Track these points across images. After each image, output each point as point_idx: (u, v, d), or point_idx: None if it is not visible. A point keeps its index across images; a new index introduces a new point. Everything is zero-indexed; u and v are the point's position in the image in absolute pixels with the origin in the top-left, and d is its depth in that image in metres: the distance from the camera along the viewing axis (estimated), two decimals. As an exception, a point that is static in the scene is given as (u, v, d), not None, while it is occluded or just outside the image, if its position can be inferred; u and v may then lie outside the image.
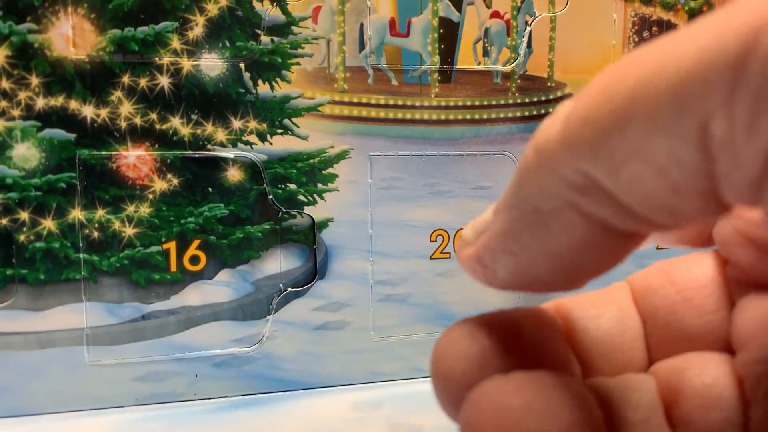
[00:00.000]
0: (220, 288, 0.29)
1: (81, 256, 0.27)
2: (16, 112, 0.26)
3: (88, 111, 0.27)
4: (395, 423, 0.27)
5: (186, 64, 0.27)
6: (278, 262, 0.29)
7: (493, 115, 0.31)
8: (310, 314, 0.29)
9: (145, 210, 0.28)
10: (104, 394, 0.27)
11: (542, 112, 0.31)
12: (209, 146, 0.28)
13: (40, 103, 0.26)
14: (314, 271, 0.29)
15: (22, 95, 0.26)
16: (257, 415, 0.28)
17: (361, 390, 0.30)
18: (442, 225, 0.30)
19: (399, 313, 0.30)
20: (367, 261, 0.30)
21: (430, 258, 0.30)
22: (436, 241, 0.30)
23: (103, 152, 0.27)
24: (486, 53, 0.31)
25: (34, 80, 0.26)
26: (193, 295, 0.28)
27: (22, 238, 0.26)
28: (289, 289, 0.29)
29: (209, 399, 0.28)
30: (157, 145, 0.27)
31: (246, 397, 0.29)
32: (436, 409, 0.31)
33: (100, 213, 0.27)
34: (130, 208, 0.27)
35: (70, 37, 0.26)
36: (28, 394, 0.26)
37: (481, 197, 0.31)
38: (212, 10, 0.27)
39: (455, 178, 0.30)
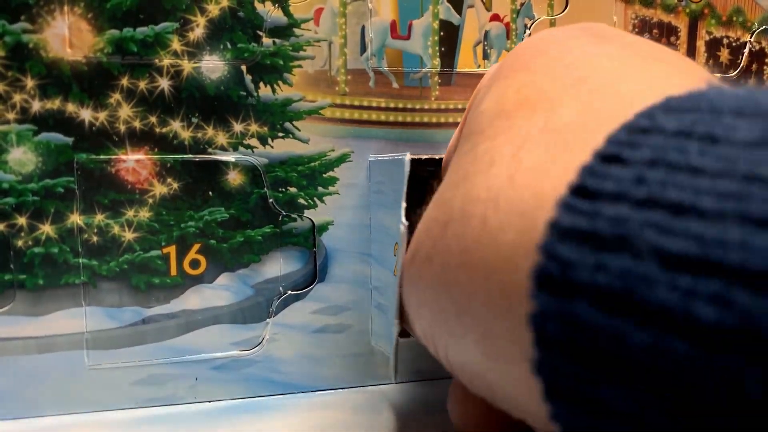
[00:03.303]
0: (220, 291, 0.28)
1: (80, 260, 0.27)
2: (11, 116, 0.25)
3: (85, 114, 0.26)
4: (395, 427, 0.28)
5: (186, 66, 0.27)
6: (278, 266, 0.29)
7: (492, 119, 0.31)
8: (309, 317, 0.29)
9: (144, 214, 0.27)
10: (104, 398, 0.27)
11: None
12: (210, 150, 0.28)
13: (36, 106, 0.25)
14: (314, 274, 0.29)
15: (17, 98, 0.25)
16: (257, 417, 0.28)
17: (361, 393, 0.30)
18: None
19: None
20: (367, 264, 0.30)
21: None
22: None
23: (102, 156, 0.26)
24: (486, 56, 0.31)
25: (30, 82, 0.25)
26: (193, 299, 0.28)
27: (20, 243, 0.26)
28: (289, 292, 0.29)
29: (209, 402, 0.29)
30: (156, 149, 0.27)
31: (246, 400, 0.29)
32: (436, 413, 0.31)
33: (99, 217, 0.27)
34: (130, 213, 0.27)
35: (67, 38, 0.25)
36: (28, 397, 0.26)
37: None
38: (213, 10, 0.27)
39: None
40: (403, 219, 0.20)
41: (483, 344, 0.15)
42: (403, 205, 0.20)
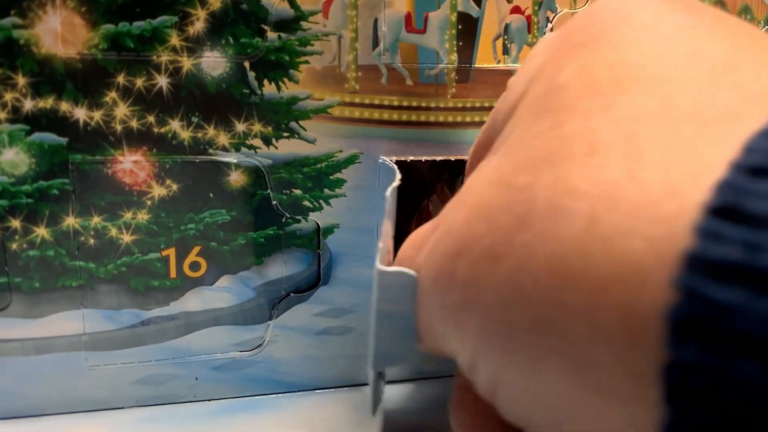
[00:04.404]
0: (221, 293, 0.28)
1: (77, 263, 0.26)
2: (2, 115, 0.24)
3: (80, 113, 0.25)
4: (395, 426, 0.27)
5: (186, 62, 0.25)
6: (281, 267, 0.28)
7: (511, 117, 0.29)
8: (312, 319, 0.29)
9: (143, 216, 0.26)
10: (103, 397, 0.27)
11: (561, 115, 0.30)
12: (211, 150, 0.26)
13: (28, 105, 0.24)
14: (317, 277, 0.29)
15: (8, 96, 0.24)
16: (257, 416, 0.28)
17: (361, 392, 0.30)
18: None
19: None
20: (372, 267, 0.29)
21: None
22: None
23: (98, 157, 0.25)
24: (506, 51, 0.29)
25: (21, 80, 0.24)
26: (193, 301, 0.28)
27: (14, 246, 0.25)
28: (291, 294, 0.28)
29: (209, 401, 0.28)
30: (155, 150, 0.26)
31: (246, 398, 0.29)
32: (435, 412, 0.31)
33: (96, 220, 0.26)
34: (128, 215, 0.26)
35: (59, 33, 0.24)
36: (26, 396, 0.26)
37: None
38: (214, 3, 0.25)
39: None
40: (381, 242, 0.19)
41: (578, 375, 0.12)
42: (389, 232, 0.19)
